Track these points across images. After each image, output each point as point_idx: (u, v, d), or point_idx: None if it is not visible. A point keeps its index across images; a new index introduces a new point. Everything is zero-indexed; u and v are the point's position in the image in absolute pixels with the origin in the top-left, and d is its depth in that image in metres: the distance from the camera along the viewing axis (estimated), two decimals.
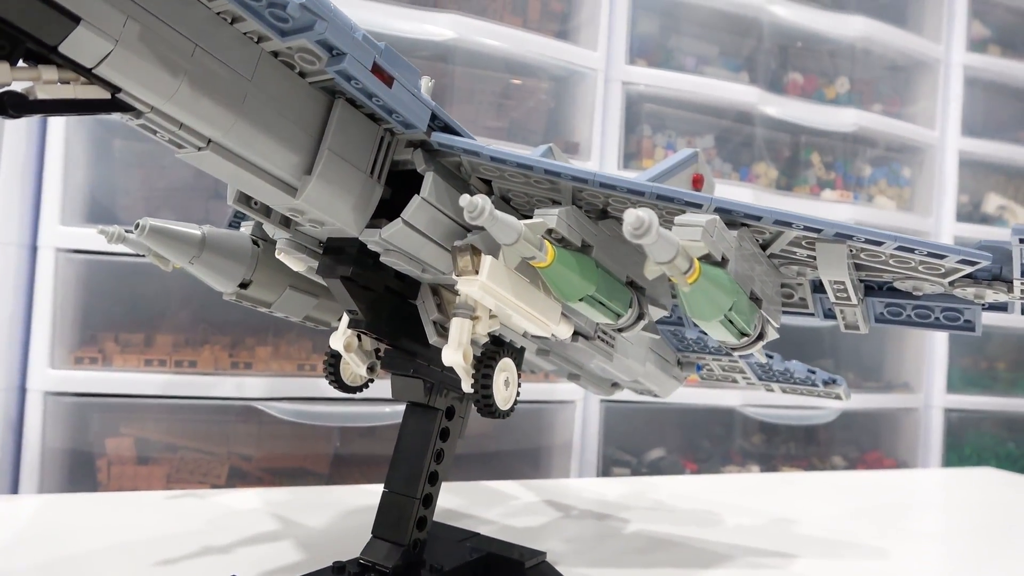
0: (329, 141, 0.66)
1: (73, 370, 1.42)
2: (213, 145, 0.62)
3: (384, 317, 0.81)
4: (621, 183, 0.67)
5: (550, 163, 0.68)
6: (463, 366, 0.79)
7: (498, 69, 1.76)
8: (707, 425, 2.03)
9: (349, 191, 0.69)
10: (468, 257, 0.71)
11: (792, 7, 2.08)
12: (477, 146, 0.69)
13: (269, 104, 0.63)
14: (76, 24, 0.51)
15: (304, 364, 1.56)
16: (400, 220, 0.70)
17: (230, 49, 0.60)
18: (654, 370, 1.14)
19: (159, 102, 0.57)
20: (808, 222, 0.64)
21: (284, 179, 0.67)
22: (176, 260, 0.86)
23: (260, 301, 0.94)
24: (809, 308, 0.82)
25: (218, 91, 0.59)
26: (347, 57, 0.60)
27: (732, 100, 2.00)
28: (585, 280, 0.69)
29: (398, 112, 0.66)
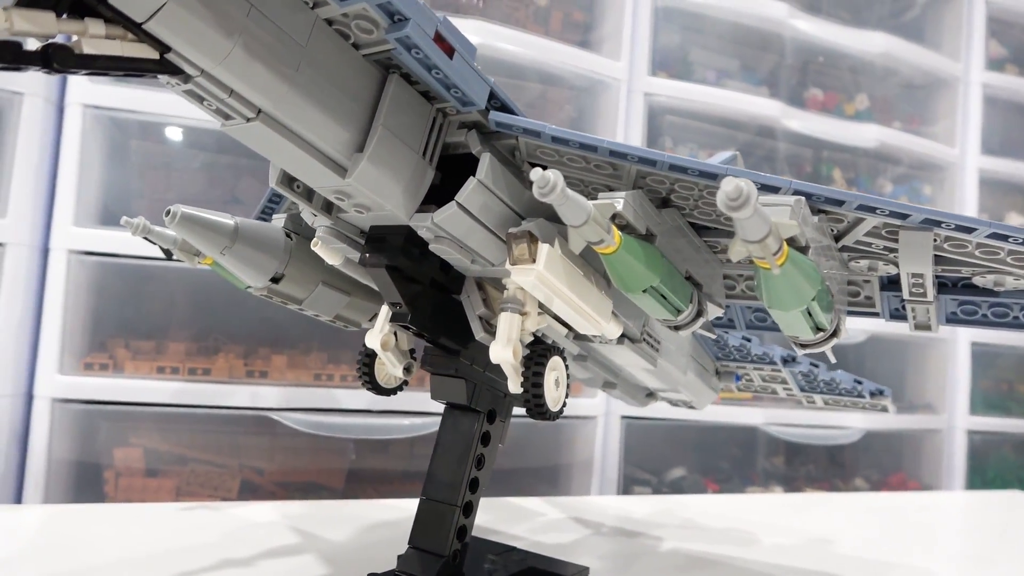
0: (383, 118, 0.63)
1: (82, 376, 1.37)
2: (263, 116, 0.58)
3: (427, 312, 0.77)
4: (693, 165, 0.63)
5: (615, 144, 0.64)
6: (512, 364, 0.74)
7: (521, 77, 1.73)
8: (728, 444, 1.98)
9: (401, 172, 0.65)
10: (524, 245, 0.67)
11: (815, 22, 2.07)
12: (539, 125, 0.65)
13: (322, 74, 0.59)
14: None
15: (321, 374, 1.51)
16: (454, 203, 0.66)
17: (285, 13, 0.56)
18: (694, 379, 1.10)
19: (210, 65, 0.53)
20: (895, 207, 0.60)
21: (334, 157, 0.63)
22: (207, 251, 0.82)
23: (291, 297, 0.89)
24: (876, 307, 0.78)
25: (272, 56, 0.55)
26: (410, 23, 0.57)
27: (754, 114, 1.97)
28: (650, 270, 0.64)
29: (457, 87, 0.62)
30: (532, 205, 0.73)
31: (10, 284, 1.33)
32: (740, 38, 2.07)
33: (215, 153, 1.54)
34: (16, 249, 1.33)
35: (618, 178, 0.69)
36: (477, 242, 0.70)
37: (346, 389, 1.51)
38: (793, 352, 1.10)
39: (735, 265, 0.81)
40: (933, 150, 2.26)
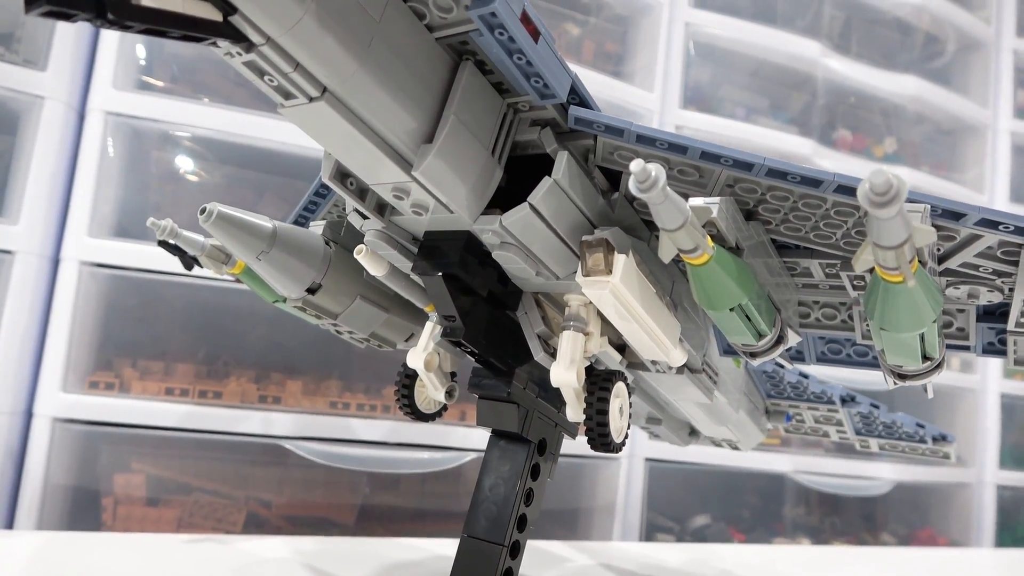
0: (455, 107, 0.57)
1: (86, 395, 1.29)
2: (328, 96, 0.52)
3: (481, 328, 0.70)
4: (795, 170, 0.57)
5: (708, 144, 0.58)
6: (575, 388, 0.68)
7: None
8: (754, 491, 1.89)
9: (469, 170, 0.59)
10: (600, 254, 0.61)
11: (846, 62, 2.04)
12: (623, 123, 0.59)
13: (394, 54, 0.53)
14: None
15: (337, 402, 1.43)
16: (527, 204, 0.60)
17: None
18: (744, 417, 1.03)
19: (278, 32, 0.47)
20: (1021, 222, 0.54)
21: (399, 148, 0.57)
22: (241, 255, 0.75)
23: (326, 311, 0.82)
24: (969, 340, 0.72)
25: (344, 28, 0.49)
26: (498, 1, 0.51)
27: (785, 151, 1.93)
28: (740, 286, 0.58)
29: (540, 76, 0.57)
30: (604, 214, 0.67)
31: (17, 294, 1.26)
32: (771, 76, 2.04)
33: (237, 167, 1.48)
34: (25, 258, 1.27)
35: (703, 186, 0.64)
36: (545, 250, 0.64)
37: (362, 419, 1.43)
38: (853, 393, 1.03)
39: (811, 290, 0.75)
40: (962, 196, 2.22)
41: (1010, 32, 2.36)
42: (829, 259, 0.68)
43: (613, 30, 1.87)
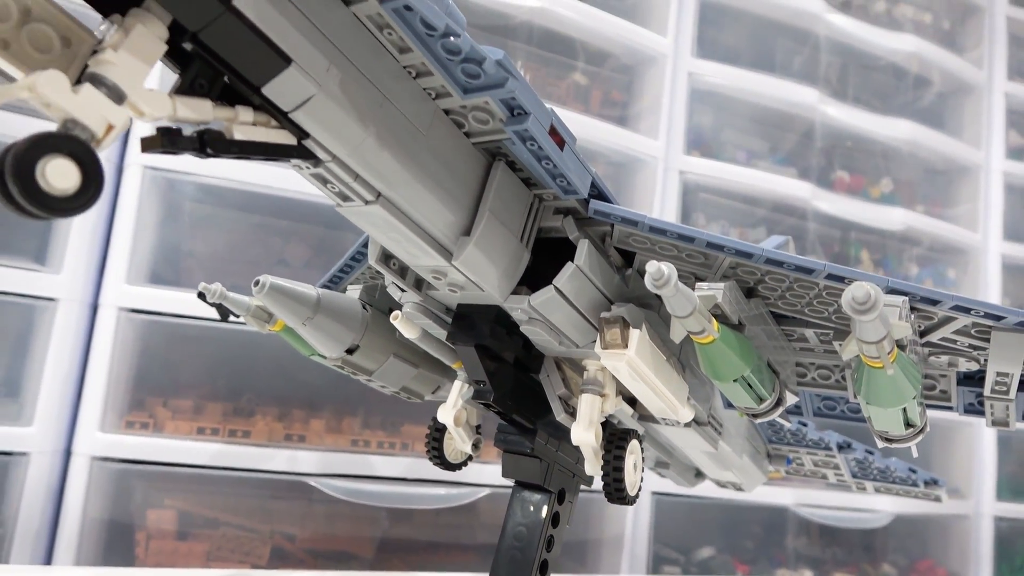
0: (489, 203, 0.65)
1: (123, 435, 1.36)
2: (382, 200, 0.60)
3: (508, 390, 0.77)
4: (790, 260, 0.64)
5: (712, 235, 0.66)
6: (593, 447, 0.75)
7: None
8: (757, 524, 1.95)
9: (502, 256, 0.67)
10: (617, 330, 0.68)
11: (843, 108, 2.13)
12: (637, 215, 0.67)
13: (438, 161, 0.61)
14: (287, 65, 0.49)
15: (358, 440, 1.50)
16: (552, 287, 0.67)
17: (411, 103, 0.58)
18: (747, 461, 1.09)
19: (343, 152, 0.55)
20: (990, 308, 0.62)
21: (441, 240, 0.64)
22: (289, 321, 0.83)
23: (363, 368, 0.90)
24: (951, 402, 0.79)
25: (398, 145, 0.57)
26: (530, 117, 0.59)
27: (785, 194, 2.01)
28: (742, 360, 0.66)
29: (564, 176, 0.65)
30: (620, 289, 0.74)
31: (59, 339, 1.33)
32: (770, 121, 2.13)
33: (265, 216, 1.56)
34: (67, 305, 1.34)
35: (708, 267, 0.71)
36: (567, 324, 0.71)
37: (382, 456, 1.50)
38: (849, 440, 1.10)
39: (807, 353, 0.82)
40: (957, 234, 2.30)
41: (1001, 76, 2.44)
42: (823, 329, 0.76)
43: (619, 79, 1.96)
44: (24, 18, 0.43)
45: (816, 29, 2.14)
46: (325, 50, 0.51)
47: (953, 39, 2.43)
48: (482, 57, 0.55)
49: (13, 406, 1.33)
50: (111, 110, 0.44)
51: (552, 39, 1.80)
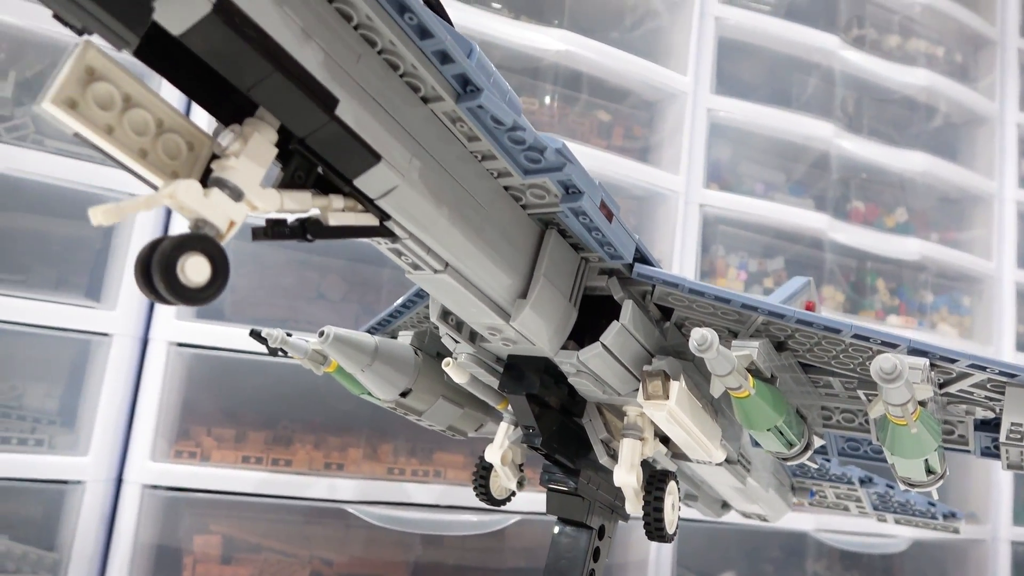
0: (543, 269, 0.71)
1: (172, 463, 1.42)
2: (450, 269, 0.66)
3: (554, 434, 0.84)
4: (819, 321, 0.70)
5: (746, 297, 0.72)
6: (635, 488, 0.80)
7: None
8: (777, 548, 1.99)
9: (553, 316, 0.73)
10: (659, 382, 0.74)
11: (858, 141, 2.19)
12: (677, 278, 0.73)
13: (499, 233, 0.68)
14: (377, 162, 0.56)
15: (393, 468, 1.56)
16: (599, 344, 0.74)
17: (477, 184, 0.65)
18: (773, 495, 1.15)
19: (419, 231, 0.62)
20: (1003, 366, 0.67)
21: (499, 303, 0.71)
22: (350, 368, 0.89)
23: (413, 410, 0.96)
24: (969, 446, 0.84)
25: (465, 222, 0.64)
26: (584, 196, 0.65)
27: (802, 225, 2.07)
28: (775, 411, 0.71)
29: (611, 244, 0.71)
30: (659, 342, 0.80)
31: (113, 373, 1.40)
32: (787, 154, 2.19)
33: (303, 252, 1.63)
34: (121, 340, 1.42)
35: (742, 323, 0.77)
36: (612, 376, 0.77)
37: (416, 483, 1.56)
38: (871, 475, 1.15)
39: (833, 398, 0.88)
40: (971, 263, 2.34)
41: (1013, 107, 2.50)
42: (848, 378, 0.81)
43: (640, 116, 2.02)
44: (159, 129, 0.50)
45: (831, 64, 2.20)
46: (408, 145, 0.58)
47: (965, 72, 2.49)
48: (544, 146, 0.62)
49: (70, 436, 1.41)
50: (233, 209, 0.50)
51: (577, 79, 1.87)
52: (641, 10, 2.05)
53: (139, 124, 0.48)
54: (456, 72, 0.57)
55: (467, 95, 0.58)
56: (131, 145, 0.48)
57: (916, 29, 2.40)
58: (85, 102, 0.46)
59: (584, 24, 1.91)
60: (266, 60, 0.48)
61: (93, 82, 0.46)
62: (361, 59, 0.54)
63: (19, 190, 1.41)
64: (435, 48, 0.55)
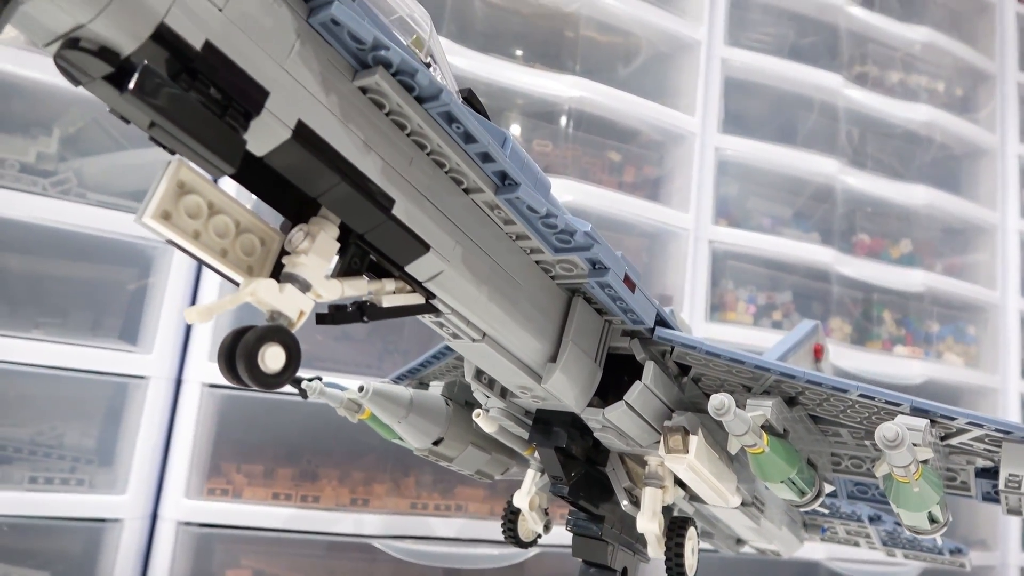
0: (571, 334, 0.77)
1: (206, 501, 1.48)
2: (487, 339, 0.72)
3: (580, 483, 0.89)
4: (827, 382, 0.76)
5: (759, 359, 0.78)
6: (657, 534, 0.86)
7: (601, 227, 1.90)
8: None
9: (580, 377, 0.79)
10: (679, 436, 0.80)
11: (863, 176, 2.25)
12: (695, 341, 0.79)
13: (531, 304, 0.74)
14: (426, 251, 0.62)
15: (416, 502, 1.61)
16: (623, 403, 0.79)
17: (511, 260, 0.71)
18: (786, 532, 1.20)
19: (461, 307, 0.68)
20: (999, 424, 0.73)
21: (531, 366, 0.77)
22: (387, 420, 0.95)
23: (445, 457, 1.02)
24: (971, 491, 0.89)
25: (502, 296, 0.70)
26: (610, 272, 0.72)
27: (809, 259, 2.12)
28: (788, 464, 0.77)
29: (634, 312, 0.77)
30: (678, 397, 0.86)
31: (149, 414, 1.47)
32: (793, 188, 2.25)
33: None
34: (157, 382, 1.48)
35: (755, 380, 0.83)
36: (635, 430, 0.83)
37: (439, 517, 1.61)
38: (879, 512, 1.20)
39: (841, 445, 0.93)
40: (976, 293, 2.39)
41: (1014, 139, 2.56)
42: (856, 429, 0.87)
43: (650, 155, 2.09)
44: (237, 230, 0.56)
45: (835, 101, 2.26)
46: (452, 233, 0.64)
47: (966, 105, 2.55)
48: (574, 229, 0.68)
49: (108, 475, 1.47)
50: (302, 300, 0.57)
51: (590, 122, 1.94)
52: (650, 53, 2.12)
53: (221, 228, 0.55)
54: (496, 169, 0.63)
55: (505, 187, 0.65)
56: (214, 247, 0.55)
57: (917, 65, 2.47)
58: (178, 213, 0.52)
59: (595, 67, 1.98)
60: (334, 172, 0.55)
61: (184, 195, 0.52)
62: (413, 162, 0.60)
63: (60, 239, 1.48)
64: (478, 150, 0.61)
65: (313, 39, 0.52)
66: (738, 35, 2.17)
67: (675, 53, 2.11)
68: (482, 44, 1.81)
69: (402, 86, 0.56)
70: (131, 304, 1.60)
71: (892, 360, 2.18)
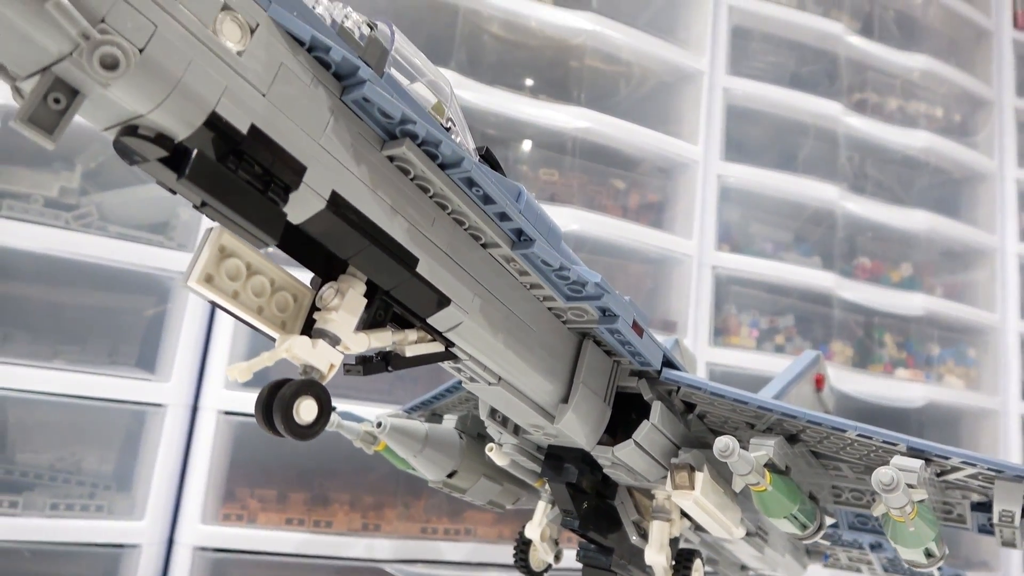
0: (582, 376, 0.81)
1: (221, 526, 1.51)
2: (503, 382, 0.76)
3: (590, 516, 0.92)
4: (828, 422, 0.79)
5: (762, 400, 0.81)
6: (664, 566, 0.89)
7: (607, 254, 1.95)
8: None
9: (591, 416, 0.82)
10: (685, 473, 0.83)
11: (863, 202, 2.29)
12: (701, 383, 0.83)
13: (544, 348, 0.77)
14: (448, 304, 0.66)
15: (426, 527, 1.64)
16: (632, 441, 0.83)
17: (525, 308, 0.75)
18: (789, 559, 1.23)
19: (479, 354, 0.72)
20: (991, 464, 0.76)
21: (544, 406, 0.80)
22: (404, 455, 0.99)
23: (458, 488, 1.05)
24: (966, 523, 0.92)
25: (517, 343, 0.74)
26: (619, 319, 0.75)
27: (811, 284, 2.16)
28: (790, 500, 0.80)
29: (642, 355, 0.81)
30: (684, 434, 0.89)
31: (167, 441, 1.50)
32: (794, 214, 2.29)
33: None
34: (174, 410, 1.52)
35: (758, 417, 0.86)
36: (643, 466, 0.86)
37: (449, 541, 1.64)
38: (880, 540, 1.23)
39: (842, 479, 0.96)
40: (975, 315, 2.43)
41: (1012, 163, 2.60)
42: (855, 464, 0.90)
43: (654, 183, 2.13)
44: (272, 288, 0.60)
45: (835, 128, 2.31)
46: (471, 286, 0.68)
47: (964, 130, 2.60)
48: (585, 281, 0.72)
49: (127, 501, 1.50)
50: (333, 354, 0.61)
51: (596, 151, 1.99)
52: (653, 82, 2.17)
53: (258, 287, 0.59)
54: (513, 227, 0.67)
55: (521, 243, 0.69)
56: (252, 306, 0.59)
57: (916, 92, 2.51)
58: (219, 276, 0.56)
59: (600, 97, 2.03)
60: (364, 236, 0.59)
61: (225, 259, 0.56)
62: (435, 222, 0.64)
63: (80, 270, 1.53)
64: (496, 211, 0.65)
65: (345, 114, 0.56)
66: (740, 64, 2.22)
67: (678, 82, 2.16)
68: (491, 77, 1.86)
69: (427, 155, 0.60)
70: (148, 332, 1.64)
71: (894, 383, 2.21)
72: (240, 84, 0.49)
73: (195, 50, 0.47)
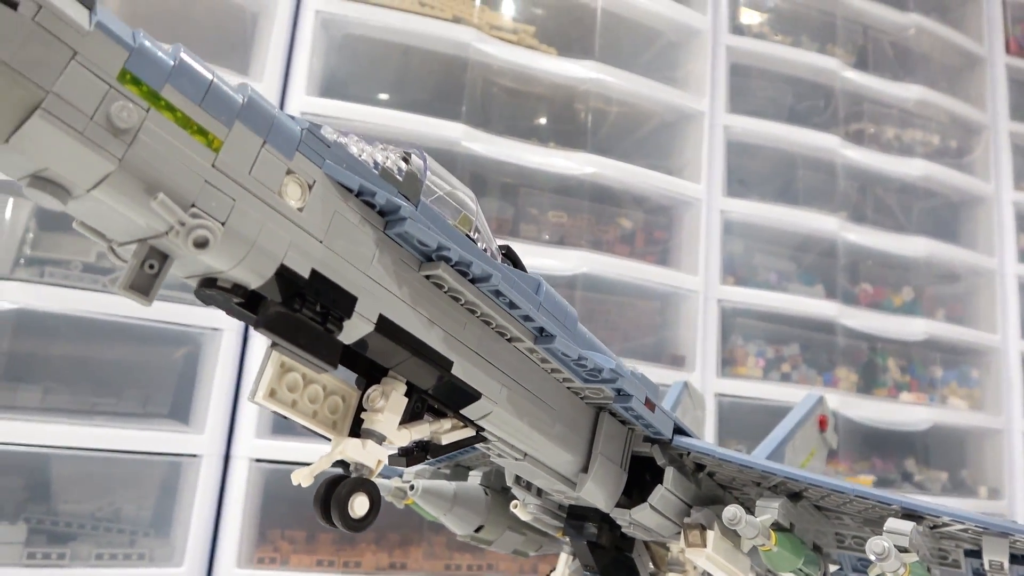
0: (600, 447, 0.88)
1: (256, 569, 1.59)
2: (528, 458, 0.83)
3: (610, 571, 1.00)
4: (828, 484, 0.86)
5: (766, 465, 0.88)
6: None
7: (616, 292, 2.02)
8: None
9: (609, 482, 0.90)
10: (697, 532, 0.91)
11: (863, 231, 2.36)
12: (709, 449, 0.90)
13: (565, 425, 0.85)
14: (479, 398, 0.74)
15: (450, 564, 1.71)
16: (647, 504, 0.90)
17: (547, 389, 0.82)
18: None
19: (508, 436, 0.79)
20: (978, 521, 0.83)
21: (566, 475, 0.87)
22: (434, 512, 1.06)
23: (485, 541, 1.12)
24: (961, 569, 0.99)
25: (541, 422, 0.81)
26: (634, 398, 0.83)
27: (814, 314, 2.23)
28: (796, 556, 0.87)
29: (654, 426, 0.88)
30: (696, 494, 0.97)
31: (203, 489, 1.58)
32: (797, 245, 2.36)
33: None
34: (209, 460, 1.59)
35: (764, 477, 0.93)
36: (657, 526, 0.94)
37: None
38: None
39: (844, 527, 1.03)
40: (977, 337, 2.49)
41: (1008, 186, 2.66)
42: (856, 516, 0.97)
43: (659, 220, 2.21)
44: (324, 394, 0.68)
45: (833, 160, 2.38)
46: (499, 378, 0.76)
47: (961, 156, 2.66)
48: (601, 367, 0.79)
49: (166, 548, 1.58)
50: (380, 451, 0.68)
51: (602, 193, 2.07)
52: (656, 123, 2.25)
53: (313, 395, 0.66)
54: (536, 326, 0.75)
55: (543, 338, 0.76)
56: (308, 412, 0.66)
57: (911, 120, 2.58)
58: (281, 389, 0.64)
59: (606, 140, 2.11)
60: (406, 350, 0.66)
61: (285, 373, 0.64)
62: (466, 326, 0.72)
63: (115, 328, 1.61)
64: (520, 313, 0.73)
65: (388, 244, 0.64)
66: (739, 101, 2.29)
67: (679, 122, 2.24)
68: (500, 128, 1.94)
69: (459, 273, 0.68)
70: (180, 382, 1.72)
71: (898, 407, 2.28)
72: (302, 236, 0.57)
73: (266, 215, 0.54)
